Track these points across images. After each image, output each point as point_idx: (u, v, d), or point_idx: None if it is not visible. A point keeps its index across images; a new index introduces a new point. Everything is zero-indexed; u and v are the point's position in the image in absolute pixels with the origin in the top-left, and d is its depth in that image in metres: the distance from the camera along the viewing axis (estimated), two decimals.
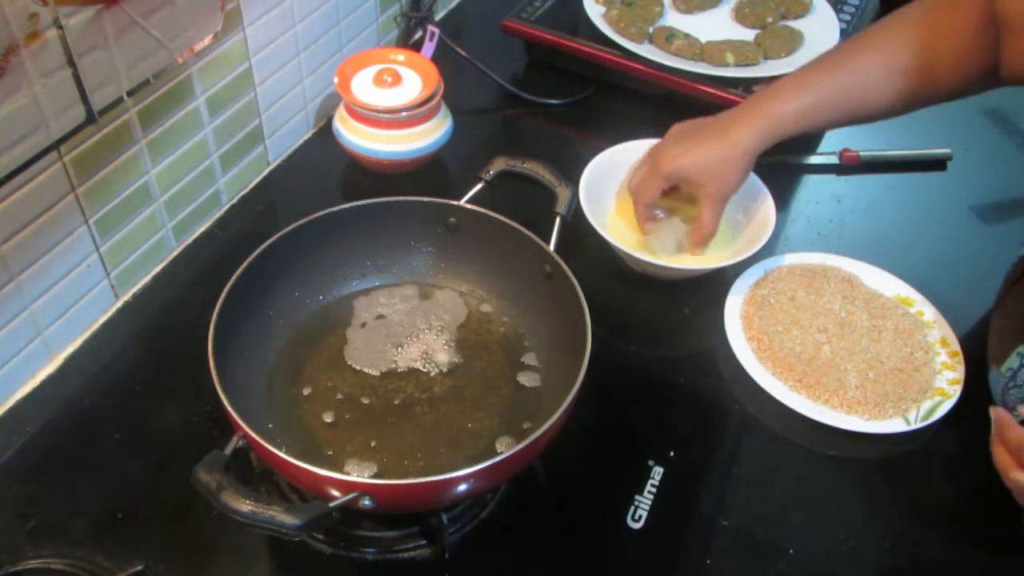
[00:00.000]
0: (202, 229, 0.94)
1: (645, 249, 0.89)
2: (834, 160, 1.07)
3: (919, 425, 0.78)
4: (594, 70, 1.13)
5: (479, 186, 0.82)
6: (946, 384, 0.81)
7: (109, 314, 0.85)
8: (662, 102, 1.10)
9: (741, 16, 1.15)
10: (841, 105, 0.82)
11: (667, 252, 0.89)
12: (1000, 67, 0.73)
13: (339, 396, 0.76)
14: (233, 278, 0.71)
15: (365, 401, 0.76)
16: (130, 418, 0.77)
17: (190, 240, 0.93)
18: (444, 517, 0.69)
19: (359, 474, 0.70)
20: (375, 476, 0.70)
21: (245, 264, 0.72)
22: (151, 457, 0.74)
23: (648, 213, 0.88)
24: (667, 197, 0.90)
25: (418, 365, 0.79)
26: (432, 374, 0.78)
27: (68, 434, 0.76)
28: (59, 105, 0.69)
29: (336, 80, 0.97)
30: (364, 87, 0.97)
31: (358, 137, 0.97)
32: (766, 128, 0.81)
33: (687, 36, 1.09)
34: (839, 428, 0.78)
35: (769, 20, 1.13)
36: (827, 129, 0.97)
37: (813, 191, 1.04)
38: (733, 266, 0.88)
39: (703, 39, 1.09)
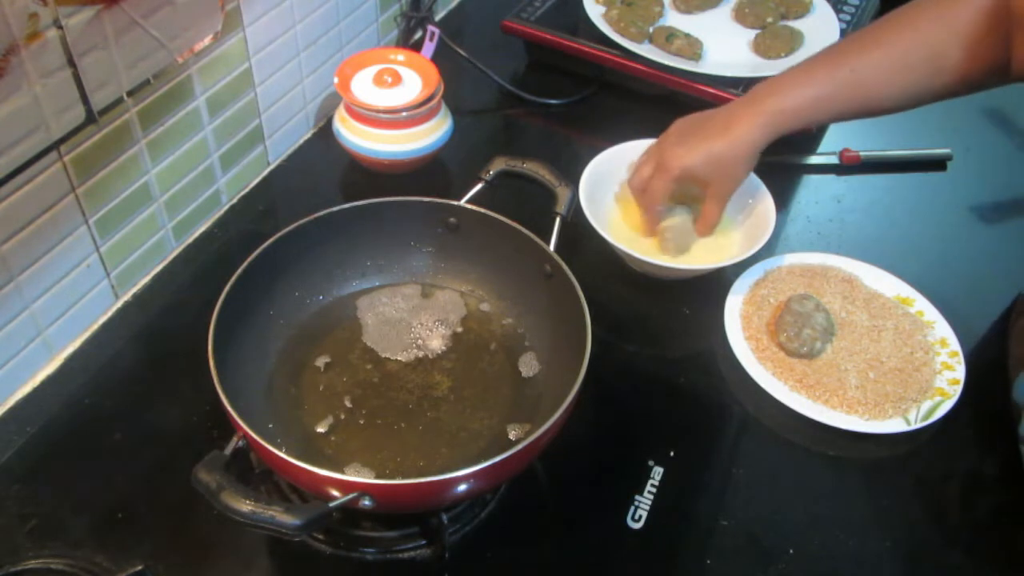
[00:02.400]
0: (202, 229, 0.94)
1: (661, 250, 0.90)
2: (834, 160, 1.07)
3: (919, 425, 0.78)
4: (594, 70, 1.13)
5: (479, 186, 0.82)
6: (946, 384, 0.81)
7: (109, 314, 0.85)
8: (662, 102, 1.10)
9: (741, 16, 1.15)
10: (845, 101, 0.81)
11: (683, 251, 0.89)
12: (1012, 64, 0.72)
13: (339, 396, 0.76)
14: (233, 278, 0.71)
15: (365, 401, 0.76)
16: (130, 418, 0.77)
17: (190, 240, 0.93)
18: (444, 517, 0.69)
19: (359, 474, 0.70)
20: (375, 476, 0.70)
21: (245, 264, 0.72)
22: (151, 457, 0.74)
23: (657, 216, 0.89)
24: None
25: (418, 365, 0.79)
26: (432, 374, 0.78)
27: (68, 434, 0.76)
28: (59, 105, 0.69)
29: (336, 80, 0.97)
30: (364, 87, 0.97)
31: (358, 137, 0.97)
32: (768, 125, 0.81)
33: (687, 36, 1.09)
34: (839, 428, 0.78)
35: (769, 20, 1.13)
36: (831, 123, 0.95)
37: (813, 191, 1.04)
38: (733, 266, 0.88)
39: (703, 39, 1.09)
